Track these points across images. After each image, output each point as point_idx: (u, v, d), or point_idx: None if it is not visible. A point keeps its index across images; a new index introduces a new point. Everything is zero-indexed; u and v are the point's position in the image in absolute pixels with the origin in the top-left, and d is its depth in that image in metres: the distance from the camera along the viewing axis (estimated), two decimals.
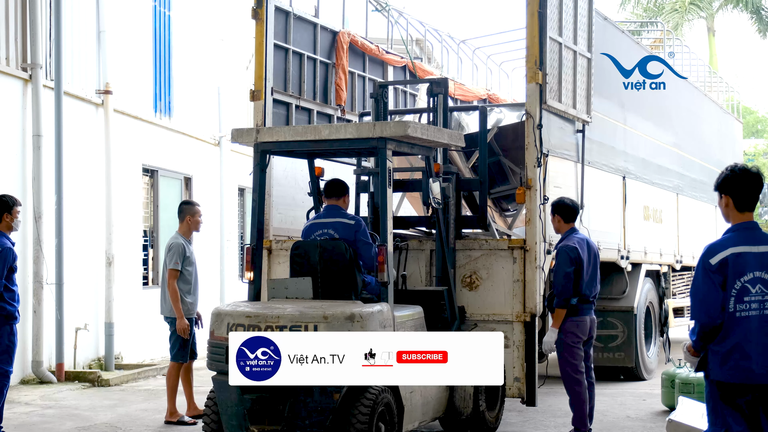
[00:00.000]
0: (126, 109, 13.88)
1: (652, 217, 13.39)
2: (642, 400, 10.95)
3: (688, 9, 34.68)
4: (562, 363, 8.39)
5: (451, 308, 8.55)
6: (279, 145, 7.96)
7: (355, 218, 8.19)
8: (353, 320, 6.98)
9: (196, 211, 9.63)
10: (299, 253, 7.91)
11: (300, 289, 7.69)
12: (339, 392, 6.90)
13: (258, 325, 6.98)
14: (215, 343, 7.25)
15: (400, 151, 7.97)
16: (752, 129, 42.33)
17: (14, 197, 8.57)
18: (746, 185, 5.09)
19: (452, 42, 17.20)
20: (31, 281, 11.85)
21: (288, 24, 10.63)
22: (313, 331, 6.89)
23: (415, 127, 7.67)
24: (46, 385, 11.72)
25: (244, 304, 7.54)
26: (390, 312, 7.40)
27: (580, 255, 8.28)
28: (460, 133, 8.90)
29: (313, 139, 7.74)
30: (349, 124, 8.48)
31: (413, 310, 8.02)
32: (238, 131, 7.97)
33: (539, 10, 9.22)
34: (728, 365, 4.93)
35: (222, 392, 7.19)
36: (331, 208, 8.25)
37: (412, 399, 7.59)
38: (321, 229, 8.12)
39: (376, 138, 7.55)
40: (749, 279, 4.96)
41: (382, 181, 7.57)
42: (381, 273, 7.48)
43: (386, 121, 9.15)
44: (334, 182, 8.41)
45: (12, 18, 11.84)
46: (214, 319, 7.33)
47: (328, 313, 7.00)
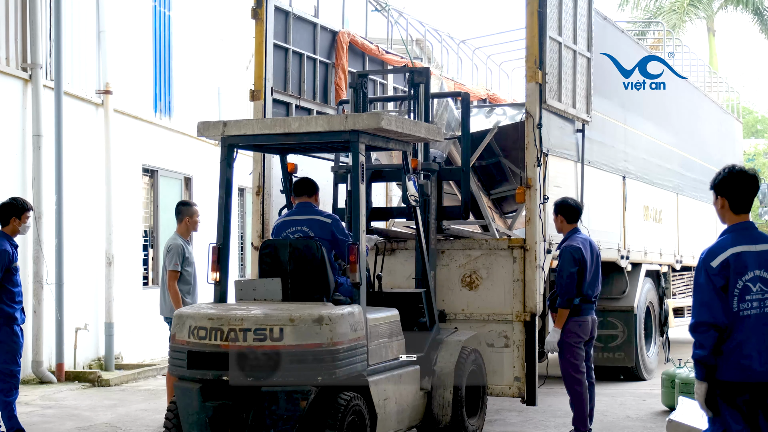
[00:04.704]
0: (126, 109, 13.88)
1: (652, 217, 13.38)
2: (642, 400, 10.94)
3: (687, 10, 34.67)
4: (564, 363, 8.39)
5: (429, 311, 8.23)
6: (247, 139, 7.54)
7: (330, 216, 7.85)
8: (321, 323, 6.59)
9: (194, 212, 9.61)
10: (268, 252, 7.53)
11: (269, 291, 7.33)
12: (306, 399, 6.53)
13: (221, 328, 6.62)
14: (177, 347, 6.88)
15: (375, 145, 7.57)
16: (752, 129, 42.32)
17: (27, 202, 8.54)
18: (742, 187, 5.07)
19: (452, 42, 17.19)
20: (31, 281, 11.85)
21: (288, 24, 10.63)
22: (278, 334, 6.54)
23: (389, 119, 7.26)
24: (46, 385, 11.72)
25: (208, 306, 7.13)
26: (362, 314, 7.01)
27: (583, 255, 8.29)
28: (439, 127, 8.52)
29: (282, 132, 7.33)
30: (320, 116, 8.04)
31: (388, 312, 7.64)
32: (204, 124, 7.53)
33: (539, 9, 9.21)
34: (729, 364, 4.92)
35: (183, 399, 6.80)
36: (303, 205, 7.88)
37: (385, 406, 7.23)
38: (294, 227, 7.76)
39: (349, 131, 7.12)
40: (750, 278, 4.95)
41: (355, 177, 7.17)
42: (353, 273, 7.09)
43: (359, 113, 8.62)
44: (303, 180, 8.06)
45: (12, 18, 11.84)
46: (176, 322, 6.95)
47: (295, 315, 6.61)
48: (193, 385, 6.72)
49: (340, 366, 6.64)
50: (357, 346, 6.87)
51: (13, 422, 8.33)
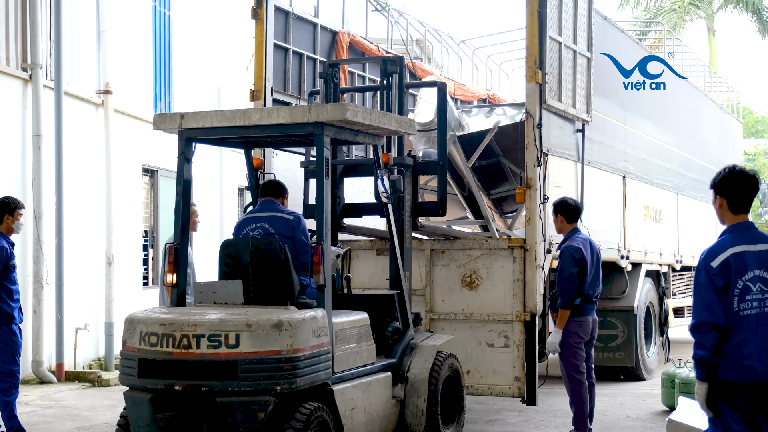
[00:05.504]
0: (126, 109, 13.88)
1: (652, 216, 13.38)
2: (642, 400, 10.94)
3: (688, 9, 34.68)
4: (564, 363, 8.38)
5: (402, 314, 7.83)
6: (206, 132, 7.07)
7: (294, 214, 7.44)
8: (280, 328, 6.18)
9: (193, 212, 9.60)
10: (229, 252, 7.10)
11: (230, 293, 6.86)
12: (264, 410, 6.09)
13: (173, 334, 6.22)
14: (127, 354, 6.46)
15: (341, 138, 7.12)
16: (752, 129, 42.31)
17: (18, 200, 8.57)
18: (742, 187, 5.08)
19: (452, 42, 17.19)
20: (31, 281, 11.85)
21: (288, 24, 10.63)
22: (234, 341, 6.13)
23: (355, 110, 6.80)
24: (46, 385, 11.72)
25: (161, 311, 6.73)
26: (326, 318, 6.59)
27: (584, 256, 8.28)
28: (411, 119, 8.12)
29: (242, 124, 6.91)
30: (282, 108, 7.65)
31: (356, 316, 7.23)
32: (161, 116, 7.13)
33: (539, 9, 9.21)
34: (729, 364, 4.92)
35: (134, 410, 6.39)
36: (266, 203, 7.54)
37: (353, 416, 6.82)
38: (254, 224, 7.40)
39: (312, 123, 6.70)
40: (750, 278, 4.95)
41: (319, 172, 6.75)
42: (317, 275, 6.65)
43: (322, 104, 8.07)
44: (270, 182, 7.79)
45: (12, 18, 11.84)
46: (127, 327, 6.51)
47: (252, 320, 6.18)
48: (143, 395, 6.34)
49: (301, 374, 6.23)
50: (320, 353, 6.46)
51: (13, 422, 8.33)
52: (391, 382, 7.53)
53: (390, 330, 7.76)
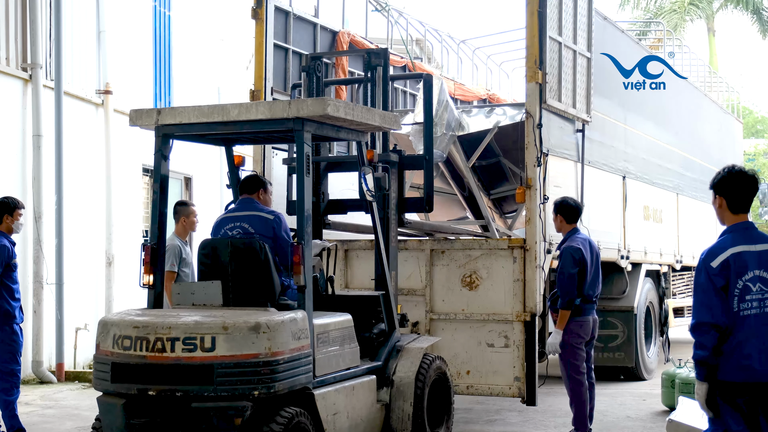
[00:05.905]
0: (126, 109, 13.83)
1: (652, 216, 13.38)
2: (642, 400, 10.94)
3: (688, 9, 34.69)
4: (564, 364, 8.37)
5: (388, 315, 7.60)
6: (183, 128, 6.88)
7: (274, 213, 7.23)
8: (258, 331, 5.96)
9: (191, 212, 9.57)
10: (207, 252, 6.90)
11: (208, 295, 6.67)
12: (242, 416, 5.86)
13: (147, 337, 6.01)
14: (100, 358, 6.25)
15: (322, 134, 6.94)
16: (752, 129, 42.31)
17: (18, 200, 8.58)
18: (741, 187, 5.08)
19: (452, 42, 17.19)
20: (31, 281, 11.86)
21: (288, 24, 10.63)
22: (210, 344, 5.91)
23: (336, 105, 6.63)
24: (46, 385, 11.72)
25: (135, 313, 6.50)
26: (306, 320, 6.38)
27: (584, 256, 8.27)
28: (396, 115, 7.89)
29: (221, 120, 6.69)
30: (261, 103, 7.46)
31: (339, 317, 7.02)
32: (137, 112, 7.00)
33: (539, 9, 9.21)
34: (729, 364, 4.92)
35: (107, 416, 6.19)
36: (245, 201, 7.33)
37: (335, 422, 6.61)
38: (233, 223, 7.18)
39: (292, 119, 6.50)
40: (750, 278, 4.95)
41: (300, 169, 6.56)
42: (297, 275, 6.45)
43: (303, 99, 7.88)
44: (248, 177, 7.58)
45: (12, 18, 11.85)
46: (100, 330, 6.31)
47: (229, 323, 5.97)
48: (116, 400, 6.13)
49: (280, 378, 6.02)
50: (300, 356, 6.25)
51: (14, 421, 8.34)
52: (376, 386, 7.31)
53: (375, 332, 7.56)
